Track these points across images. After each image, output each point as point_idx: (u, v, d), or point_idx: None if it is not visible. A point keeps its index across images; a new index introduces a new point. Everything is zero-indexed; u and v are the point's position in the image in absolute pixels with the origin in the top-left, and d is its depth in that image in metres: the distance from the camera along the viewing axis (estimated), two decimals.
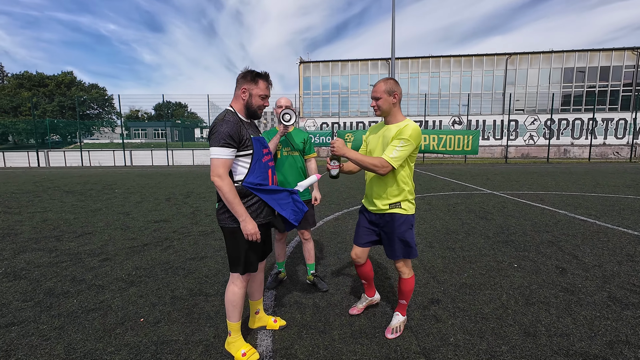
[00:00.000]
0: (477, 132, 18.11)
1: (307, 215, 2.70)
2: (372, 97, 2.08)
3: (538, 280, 2.98)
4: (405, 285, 2.17)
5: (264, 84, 1.90)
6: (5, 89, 55.92)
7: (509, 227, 4.85)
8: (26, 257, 3.70)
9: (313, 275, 2.93)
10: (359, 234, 2.26)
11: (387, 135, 2.03)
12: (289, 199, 2.00)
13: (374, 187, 2.13)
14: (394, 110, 2.06)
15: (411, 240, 2.07)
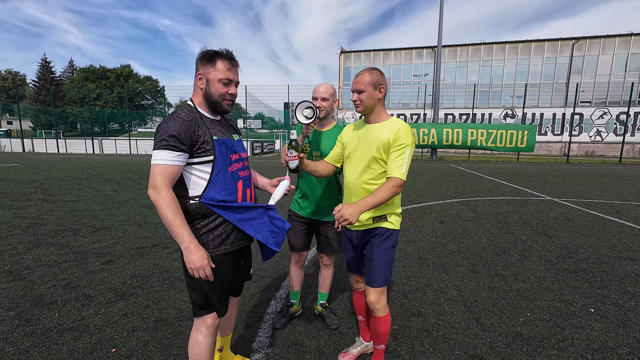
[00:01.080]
0: (534, 127, 16.20)
1: (330, 238, 2.22)
2: (354, 89, 1.70)
3: (628, 340, 2.17)
4: (382, 326, 1.74)
5: (225, 64, 1.41)
6: (74, 81, 61.85)
7: (577, 249, 3.91)
8: (37, 252, 3.61)
9: (322, 306, 2.42)
10: (348, 260, 1.97)
11: (372, 137, 1.69)
12: (264, 217, 1.49)
13: (353, 196, 1.74)
14: (378, 107, 1.72)
15: (391, 263, 1.74)
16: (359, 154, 1.72)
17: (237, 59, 1.49)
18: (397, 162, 1.60)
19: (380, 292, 1.70)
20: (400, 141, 1.61)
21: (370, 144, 1.67)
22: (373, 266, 1.70)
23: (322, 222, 2.23)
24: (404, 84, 34.31)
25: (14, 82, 72.35)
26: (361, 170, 1.70)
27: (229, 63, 1.44)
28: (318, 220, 2.22)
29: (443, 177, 10.63)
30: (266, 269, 3.27)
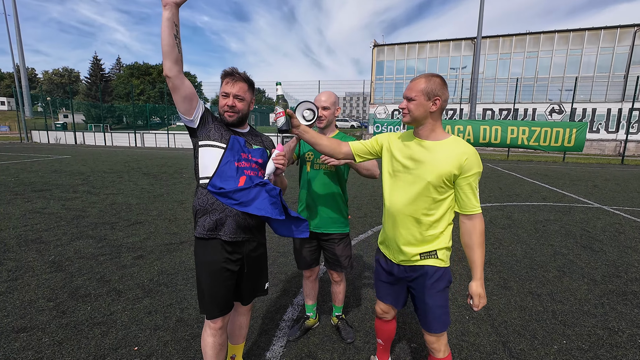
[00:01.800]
0: (585, 125, 14.86)
1: (338, 254, 2.13)
2: (404, 95, 1.48)
3: None
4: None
5: (226, 79, 1.55)
6: (121, 77, 66.09)
7: (628, 267, 3.53)
8: (78, 245, 3.89)
9: (338, 317, 2.35)
10: (380, 289, 1.74)
11: (429, 159, 1.44)
12: (262, 194, 1.47)
13: (400, 227, 1.52)
14: (430, 121, 1.46)
15: (447, 304, 1.55)
16: (411, 177, 1.49)
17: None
18: (472, 194, 1.42)
19: (440, 337, 1.54)
20: (473, 169, 1.41)
21: (427, 169, 1.44)
22: (428, 311, 1.51)
23: (328, 236, 2.12)
24: None
25: (69, 79, 78.82)
26: (413, 197, 1.47)
27: (229, 77, 1.54)
28: (323, 233, 2.11)
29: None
30: (285, 272, 3.28)
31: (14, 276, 3.06)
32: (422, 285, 1.51)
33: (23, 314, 2.45)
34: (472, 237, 1.43)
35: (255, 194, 1.46)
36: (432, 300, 1.49)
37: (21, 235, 4.14)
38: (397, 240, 1.53)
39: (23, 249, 3.71)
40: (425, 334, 1.56)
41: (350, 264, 2.18)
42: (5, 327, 2.30)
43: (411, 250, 1.50)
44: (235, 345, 1.84)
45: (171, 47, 1.37)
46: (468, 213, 1.43)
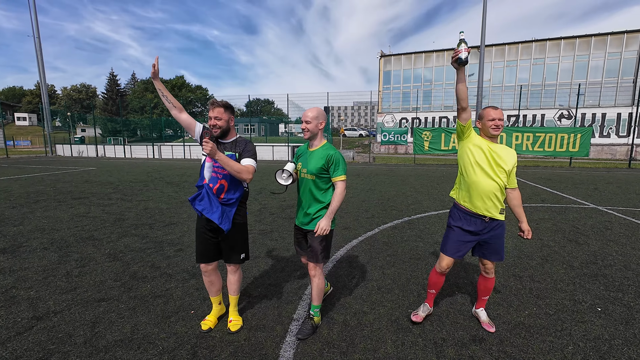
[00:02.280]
0: (589, 130, 15.13)
1: (314, 246, 2.39)
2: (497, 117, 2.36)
3: (626, 335, 2.41)
4: (490, 283, 2.53)
5: (210, 107, 2.33)
6: (135, 92, 68.61)
7: (605, 256, 3.99)
8: (126, 241, 4.56)
9: (309, 315, 2.49)
10: (453, 247, 2.44)
11: (508, 156, 2.36)
12: (204, 195, 2.32)
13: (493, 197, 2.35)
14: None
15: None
16: (487, 167, 2.34)
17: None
18: (513, 177, 2.40)
19: (495, 264, 2.50)
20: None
21: (498, 162, 2.33)
22: (500, 247, 2.42)
23: (309, 231, 2.41)
24: (447, 86, 33.42)
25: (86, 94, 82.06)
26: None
27: (210, 105, 2.34)
28: (307, 230, 2.43)
29: None
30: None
31: (82, 264, 3.72)
32: (496, 233, 2.41)
33: (99, 290, 3.09)
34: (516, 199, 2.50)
35: (203, 193, 2.33)
36: (501, 240, 2.43)
37: (76, 234, 4.84)
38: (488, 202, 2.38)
39: (81, 245, 4.39)
40: (487, 265, 2.47)
41: (323, 256, 2.41)
42: (88, 298, 2.94)
43: (495, 210, 2.37)
44: (231, 295, 2.58)
45: (167, 104, 2.36)
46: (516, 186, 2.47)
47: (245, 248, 2.54)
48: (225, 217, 2.33)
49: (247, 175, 2.28)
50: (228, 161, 2.19)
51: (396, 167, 16.58)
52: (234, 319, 2.55)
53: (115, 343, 2.31)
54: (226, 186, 2.36)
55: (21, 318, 2.62)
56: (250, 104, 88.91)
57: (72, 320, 2.59)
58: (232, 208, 2.39)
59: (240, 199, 2.45)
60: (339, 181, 2.31)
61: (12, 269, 3.59)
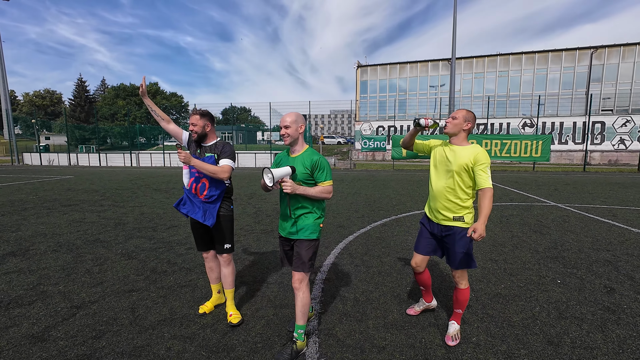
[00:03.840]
0: (549, 137, 16.61)
1: (299, 253, 2.26)
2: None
3: (579, 298, 3.02)
4: (461, 295, 2.34)
5: (190, 115, 2.66)
6: (106, 99, 66.19)
7: (564, 242, 4.70)
8: (134, 242, 4.76)
9: (292, 338, 2.25)
10: (421, 242, 2.47)
11: (456, 157, 2.25)
12: (186, 199, 2.67)
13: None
14: (462, 133, 2.32)
15: (470, 252, 2.28)
16: (443, 169, 2.31)
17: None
18: (483, 175, 2.16)
19: (461, 272, 2.30)
20: (482, 161, 2.19)
21: (456, 163, 2.23)
22: (456, 255, 2.24)
23: (295, 241, 2.30)
24: (420, 95, 35.09)
25: (51, 101, 78.02)
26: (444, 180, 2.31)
27: (190, 113, 2.68)
28: (292, 239, 2.33)
29: None
30: None
31: (98, 263, 3.93)
32: (453, 239, 2.26)
33: (125, 283, 3.35)
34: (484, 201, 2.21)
35: (185, 196, 2.68)
36: (460, 249, 2.24)
37: (81, 238, 4.98)
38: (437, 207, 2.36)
39: (91, 247, 4.56)
40: (454, 274, 2.33)
41: (305, 267, 2.24)
42: (117, 290, 3.19)
43: (448, 214, 2.28)
44: (226, 290, 2.74)
45: (156, 117, 2.80)
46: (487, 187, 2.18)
47: (230, 239, 2.71)
48: (209, 214, 2.57)
49: (222, 174, 2.49)
50: (202, 165, 2.45)
51: (377, 172, 17.33)
52: (234, 313, 2.65)
53: (158, 322, 2.62)
54: (207, 184, 2.59)
55: (60, 308, 2.85)
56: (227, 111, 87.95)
57: (110, 307, 2.86)
58: (215, 204, 2.62)
59: (224, 194, 2.69)
60: (328, 185, 2.22)
61: (31, 268, 3.74)
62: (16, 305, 2.90)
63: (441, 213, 2.31)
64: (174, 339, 2.39)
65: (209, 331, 2.50)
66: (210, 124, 2.65)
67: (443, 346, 2.30)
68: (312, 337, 2.42)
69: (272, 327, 2.56)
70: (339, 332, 2.48)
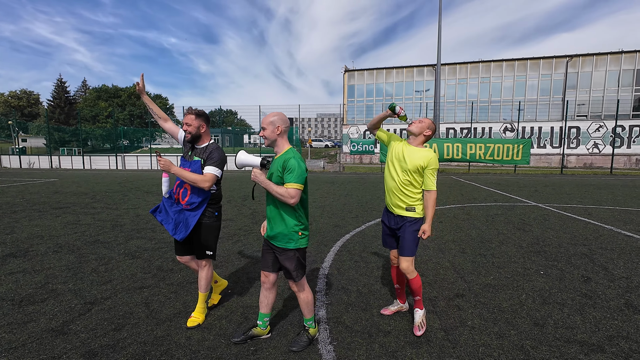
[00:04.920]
0: (529, 142, 17.38)
1: (282, 264, 2.25)
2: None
3: (560, 286, 3.32)
4: (414, 284, 2.50)
5: (185, 115, 2.63)
6: (87, 100, 64.42)
7: (545, 238, 5.06)
8: (135, 242, 4.82)
9: (304, 328, 2.39)
10: (385, 238, 2.71)
11: (412, 157, 2.46)
12: (162, 208, 2.61)
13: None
14: (422, 137, 2.55)
15: (417, 241, 2.50)
16: (397, 164, 2.51)
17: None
18: (430, 179, 2.43)
19: (409, 260, 2.46)
20: (431, 165, 2.43)
21: (410, 162, 2.44)
22: (404, 243, 2.46)
23: (277, 248, 2.24)
24: (406, 100, 35.87)
25: (28, 101, 75.30)
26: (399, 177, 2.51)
27: (185, 113, 2.64)
28: (272, 244, 2.27)
29: (444, 187, 11.79)
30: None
31: (103, 262, 3.99)
32: (405, 227, 2.49)
33: (134, 280, 3.44)
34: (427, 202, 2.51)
35: (164, 203, 2.60)
36: (409, 236, 2.46)
37: (81, 239, 4.99)
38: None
39: (92, 247, 4.59)
40: (401, 263, 2.47)
41: (292, 275, 2.23)
42: (128, 287, 3.29)
43: (402, 205, 2.51)
44: (200, 292, 2.67)
45: (154, 115, 2.79)
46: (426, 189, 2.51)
47: (212, 246, 2.63)
48: (181, 227, 2.50)
49: (203, 184, 2.43)
50: (182, 172, 2.41)
51: (366, 175, 17.67)
52: (195, 315, 2.62)
53: (173, 315, 2.74)
54: (189, 190, 2.52)
55: (74, 304, 2.93)
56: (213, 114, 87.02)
57: (124, 303, 2.96)
58: (196, 212, 2.52)
59: (208, 201, 2.57)
60: (292, 188, 2.07)
61: (35, 269, 3.78)
62: (28, 302, 2.96)
63: (396, 204, 2.52)
64: (192, 330, 2.53)
65: (225, 321, 2.65)
66: (206, 125, 2.59)
67: (442, 329, 2.53)
68: (322, 324, 2.61)
69: (283, 317, 2.73)
70: (347, 319, 2.68)
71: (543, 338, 2.41)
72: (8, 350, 2.26)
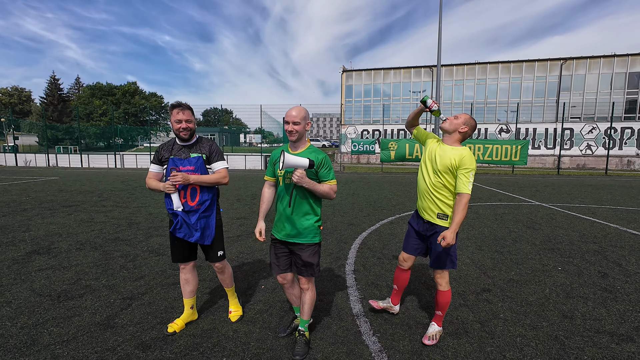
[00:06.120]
0: (527, 142, 17.67)
1: (305, 261, 2.22)
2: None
3: (579, 281, 3.46)
4: (442, 297, 2.34)
5: (174, 111, 2.30)
6: (81, 98, 63.57)
7: (556, 237, 5.22)
8: (156, 240, 4.86)
9: (299, 332, 2.31)
10: (408, 241, 2.55)
11: (443, 156, 2.28)
12: (181, 222, 2.35)
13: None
14: (457, 135, 2.36)
15: (454, 252, 2.31)
16: (430, 166, 2.33)
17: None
18: (465, 180, 2.15)
19: (440, 274, 2.32)
20: (465, 165, 2.18)
21: (443, 162, 2.25)
22: (437, 255, 2.25)
23: (298, 245, 2.22)
24: (403, 101, 36.14)
25: (19, 99, 74.01)
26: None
27: (177, 109, 2.29)
28: (293, 242, 2.23)
29: None
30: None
31: (130, 259, 4.03)
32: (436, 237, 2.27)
33: (165, 277, 3.49)
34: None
35: (180, 220, 2.34)
36: (443, 248, 2.22)
37: (100, 237, 5.01)
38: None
39: (114, 245, 4.62)
40: (435, 275, 2.34)
41: (314, 272, 2.23)
42: (162, 282, 3.34)
43: (434, 213, 2.31)
44: (226, 288, 2.67)
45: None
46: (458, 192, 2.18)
47: (221, 245, 2.55)
48: (207, 232, 2.40)
49: (224, 180, 2.38)
50: (201, 178, 2.29)
51: (367, 175, 17.81)
52: (234, 309, 2.65)
53: (215, 309, 2.82)
54: (198, 189, 2.35)
55: (112, 299, 2.98)
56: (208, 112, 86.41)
57: (162, 298, 3.02)
58: (211, 211, 2.43)
59: (216, 198, 2.50)
60: (334, 184, 2.17)
61: (62, 265, 3.80)
62: (66, 298, 3.00)
63: (427, 209, 2.33)
64: (237, 323, 2.61)
65: (266, 315, 2.73)
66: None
67: (477, 321, 2.64)
68: (360, 318, 2.70)
69: (322, 309, 2.82)
70: (384, 313, 2.78)
71: (574, 329, 2.53)
72: (61, 342, 2.31)
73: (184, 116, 2.29)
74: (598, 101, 32.38)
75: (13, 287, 3.20)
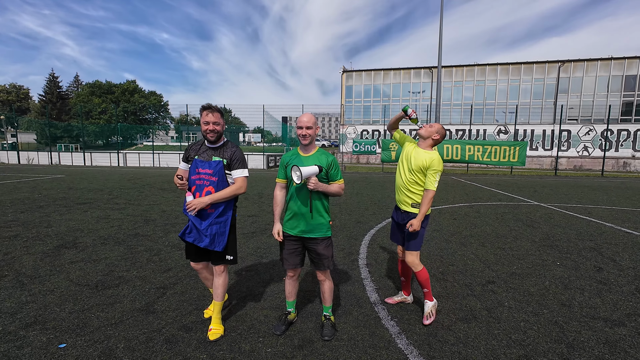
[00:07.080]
0: (525, 144, 17.99)
1: (320, 253, 2.40)
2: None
3: (577, 274, 3.74)
4: (420, 276, 2.66)
5: (204, 112, 2.38)
6: (80, 96, 63.48)
7: (554, 234, 5.50)
8: (174, 236, 5.09)
9: (325, 317, 2.56)
10: (393, 233, 2.96)
11: (417, 158, 2.65)
12: (192, 228, 2.37)
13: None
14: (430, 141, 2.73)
15: (420, 238, 2.67)
16: (405, 166, 2.72)
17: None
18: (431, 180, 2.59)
19: (414, 254, 2.66)
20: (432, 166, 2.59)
21: (416, 162, 2.64)
22: (409, 238, 2.66)
23: (313, 240, 2.39)
24: (403, 101, 36.44)
25: (17, 96, 73.76)
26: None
27: (207, 111, 2.37)
28: (308, 237, 2.40)
29: (447, 187, 12.25)
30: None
31: (154, 253, 4.27)
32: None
33: (192, 269, 3.73)
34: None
35: (190, 225, 2.38)
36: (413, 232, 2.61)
37: (120, 232, 5.24)
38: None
39: (135, 240, 4.86)
40: (407, 257, 2.69)
41: (330, 263, 2.43)
42: (189, 274, 3.59)
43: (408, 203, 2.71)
44: (215, 301, 2.48)
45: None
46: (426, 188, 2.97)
47: (233, 249, 2.51)
48: (218, 238, 2.38)
49: (242, 190, 2.42)
50: (217, 196, 2.32)
51: (368, 174, 18.09)
52: (215, 327, 2.43)
53: (243, 297, 3.07)
54: (213, 192, 2.37)
55: (147, 289, 3.22)
56: None
57: (193, 287, 3.26)
58: (226, 217, 2.42)
59: (233, 201, 2.49)
60: (342, 183, 2.44)
61: (92, 259, 4.04)
62: (104, 287, 3.24)
63: (403, 201, 2.73)
64: (266, 309, 2.86)
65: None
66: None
67: (484, 309, 2.91)
68: (378, 305, 2.96)
69: (337, 306, 3.07)
70: (400, 302, 3.04)
71: (572, 315, 2.80)
72: (111, 325, 2.56)
73: (212, 118, 2.36)
74: (595, 103, 32.82)
75: (52, 277, 3.44)
